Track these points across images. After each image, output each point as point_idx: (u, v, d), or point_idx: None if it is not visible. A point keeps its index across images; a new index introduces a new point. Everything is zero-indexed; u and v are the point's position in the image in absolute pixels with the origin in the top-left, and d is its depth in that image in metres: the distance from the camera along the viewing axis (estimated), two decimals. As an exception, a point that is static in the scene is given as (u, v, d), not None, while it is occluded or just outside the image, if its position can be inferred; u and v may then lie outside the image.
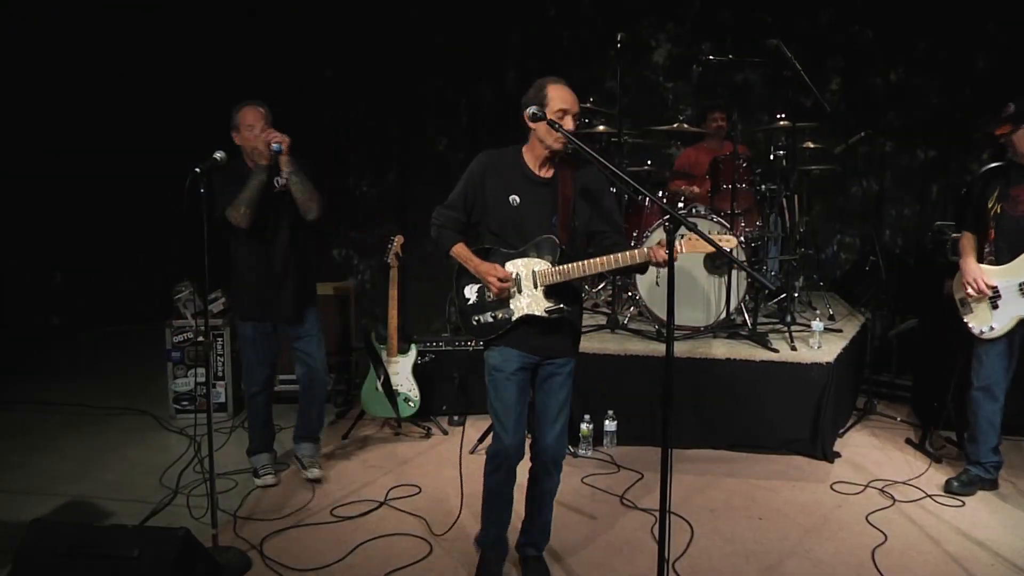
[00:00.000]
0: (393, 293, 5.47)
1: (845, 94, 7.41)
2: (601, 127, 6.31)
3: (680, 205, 5.99)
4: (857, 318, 6.28)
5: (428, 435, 5.53)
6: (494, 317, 3.46)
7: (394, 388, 5.45)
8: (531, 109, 3.29)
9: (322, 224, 4.70)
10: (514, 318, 3.43)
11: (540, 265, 3.41)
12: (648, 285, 5.63)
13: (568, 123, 3.32)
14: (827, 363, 5.14)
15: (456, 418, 5.79)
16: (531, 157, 3.46)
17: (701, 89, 7.46)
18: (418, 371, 5.56)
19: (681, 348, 5.28)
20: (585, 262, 3.35)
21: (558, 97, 3.32)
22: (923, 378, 5.92)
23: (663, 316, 5.35)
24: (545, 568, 3.73)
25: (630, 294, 6.12)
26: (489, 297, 3.46)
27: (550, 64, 7.51)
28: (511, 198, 3.42)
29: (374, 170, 7.77)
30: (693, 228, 3.11)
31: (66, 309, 8.16)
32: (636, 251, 3.29)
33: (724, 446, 5.23)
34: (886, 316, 6.59)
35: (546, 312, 3.42)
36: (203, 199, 3.65)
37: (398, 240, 5.51)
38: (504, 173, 3.46)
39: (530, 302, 3.43)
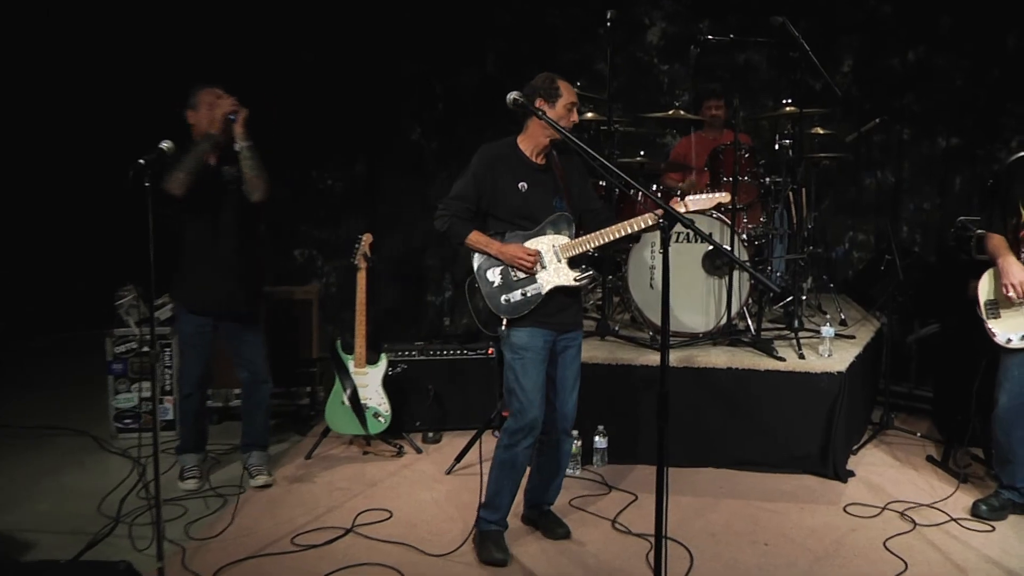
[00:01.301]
0: (361, 297, 5.47)
1: (859, 76, 7.46)
2: (589, 114, 6.32)
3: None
4: (871, 323, 6.33)
5: (400, 454, 5.54)
6: (524, 294, 3.98)
7: (362, 402, 5.45)
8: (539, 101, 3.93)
9: (266, 216, 4.85)
10: (545, 291, 3.99)
11: (560, 239, 4.02)
12: (641, 288, 5.66)
13: (575, 116, 4.01)
14: (838, 372, 5.17)
15: (431, 435, 5.79)
16: (528, 147, 4.04)
17: (699, 72, 7.48)
18: (389, 383, 5.55)
19: (678, 356, 5.30)
20: (603, 231, 3.94)
21: (568, 90, 3.99)
22: (946, 389, 5.94)
23: (658, 321, 5.38)
24: (558, 517, 4.43)
25: (622, 298, 6.15)
26: (515, 277, 3.99)
27: (535, 45, 7.55)
28: (520, 185, 4.00)
29: (340, 161, 7.76)
30: (690, 225, 3.18)
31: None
32: (649, 215, 3.82)
33: (725, 464, 5.25)
34: (904, 320, 6.60)
35: (576, 280, 4.01)
36: (149, 193, 3.66)
37: (366, 239, 5.51)
38: (510, 164, 4.02)
39: (556, 274, 4.00)
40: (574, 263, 4.03)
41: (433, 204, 7.40)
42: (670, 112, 6.45)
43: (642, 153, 6.45)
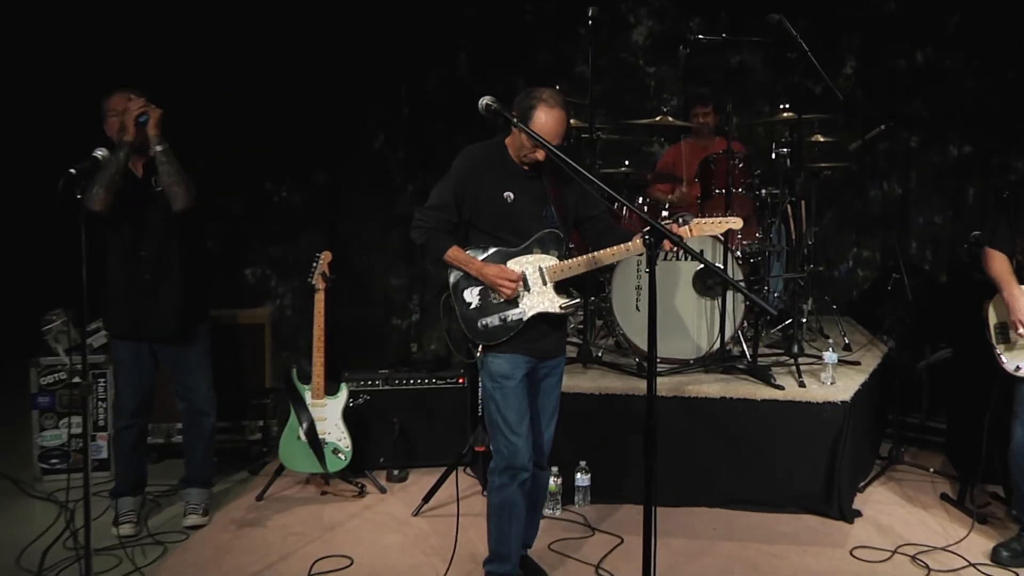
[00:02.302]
0: (319, 321, 5.45)
1: (862, 78, 7.52)
2: (570, 120, 6.33)
3: (664, 214, 6.04)
4: (878, 348, 6.37)
5: (362, 494, 5.51)
6: (503, 319, 3.95)
7: (320, 437, 5.42)
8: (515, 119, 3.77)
9: (213, 231, 4.82)
10: (527, 317, 3.94)
11: (547, 261, 3.97)
12: (627, 310, 5.67)
13: (538, 154, 3.85)
14: (842, 402, 5.19)
15: (397, 472, 5.78)
16: (515, 151, 3.96)
17: (689, 74, 7.54)
18: (350, 416, 5.54)
19: (667, 385, 5.30)
20: (595, 254, 3.93)
21: (540, 125, 3.78)
22: (960, 420, 5.92)
23: (644, 347, 5.37)
24: (535, 563, 4.40)
25: (605, 321, 6.15)
26: (495, 299, 3.95)
27: (509, 45, 7.56)
28: (506, 194, 3.93)
29: (297, 171, 7.72)
30: (679, 242, 3.20)
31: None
32: (638, 239, 3.77)
33: (720, 504, 5.26)
34: (914, 345, 6.62)
35: (561, 308, 3.97)
36: (80, 206, 3.64)
37: (325, 257, 5.50)
38: (495, 169, 3.96)
39: (541, 299, 3.95)
40: (561, 287, 3.99)
41: (400, 217, 7.51)
42: (657, 118, 6.49)
43: (627, 163, 6.47)
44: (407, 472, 5.82)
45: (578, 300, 4.04)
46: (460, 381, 5.96)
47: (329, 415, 5.47)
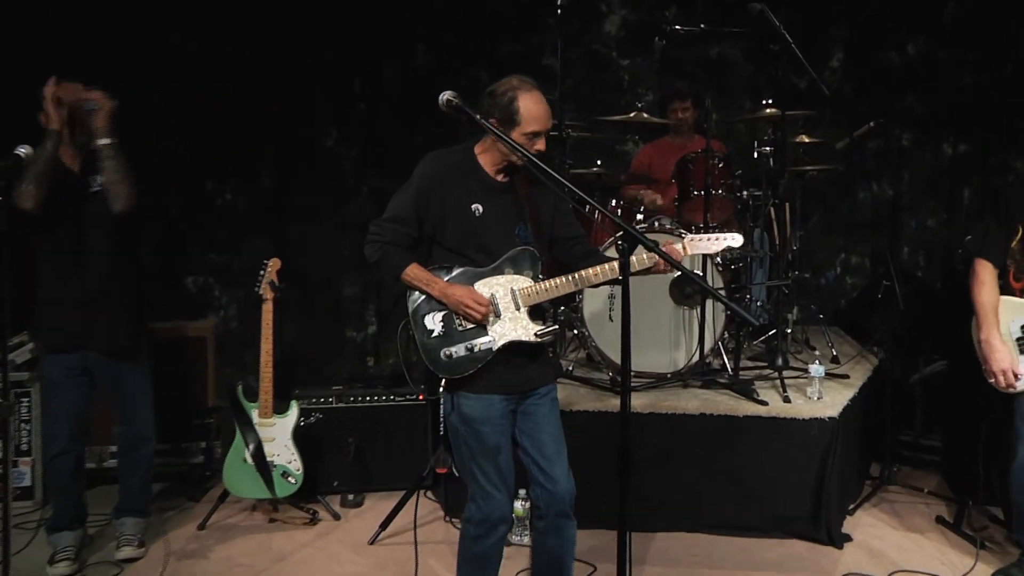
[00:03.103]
0: (267, 334, 5.44)
1: (850, 72, 7.60)
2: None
3: (639, 217, 6.08)
4: (868, 360, 6.44)
5: (314, 521, 5.50)
6: (470, 349, 3.71)
7: (268, 460, 5.40)
8: (491, 124, 3.61)
9: (151, 236, 4.75)
10: (497, 347, 3.71)
11: (521, 282, 3.75)
12: (599, 321, 5.69)
13: (539, 144, 3.69)
14: (830, 418, 5.23)
15: (352, 497, 5.77)
16: (487, 160, 3.78)
17: (665, 68, 7.58)
18: (301, 436, 5.53)
19: (642, 401, 5.34)
20: (575, 275, 3.73)
21: (532, 116, 3.66)
22: (957, 438, 5.96)
23: (618, 360, 5.40)
24: None
25: (576, 332, 6.17)
26: (460, 326, 3.71)
27: (472, 35, 7.57)
28: (473, 207, 3.72)
29: (242, 171, 7.67)
30: (654, 248, 3.21)
31: None
32: (634, 257, 3.49)
33: (699, 528, 5.28)
34: (906, 357, 6.67)
35: (536, 336, 3.75)
36: (2, 207, 3.62)
37: (274, 264, 5.48)
38: (463, 179, 3.75)
39: (514, 326, 3.74)
40: (536, 312, 3.80)
41: (354, 221, 7.50)
42: (631, 115, 6.52)
43: (599, 163, 6.50)
44: (363, 497, 5.81)
45: (555, 327, 3.81)
46: (420, 398, 5.95)
47: (278, 435, 5.45)
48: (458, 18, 7.62)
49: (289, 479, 5.41)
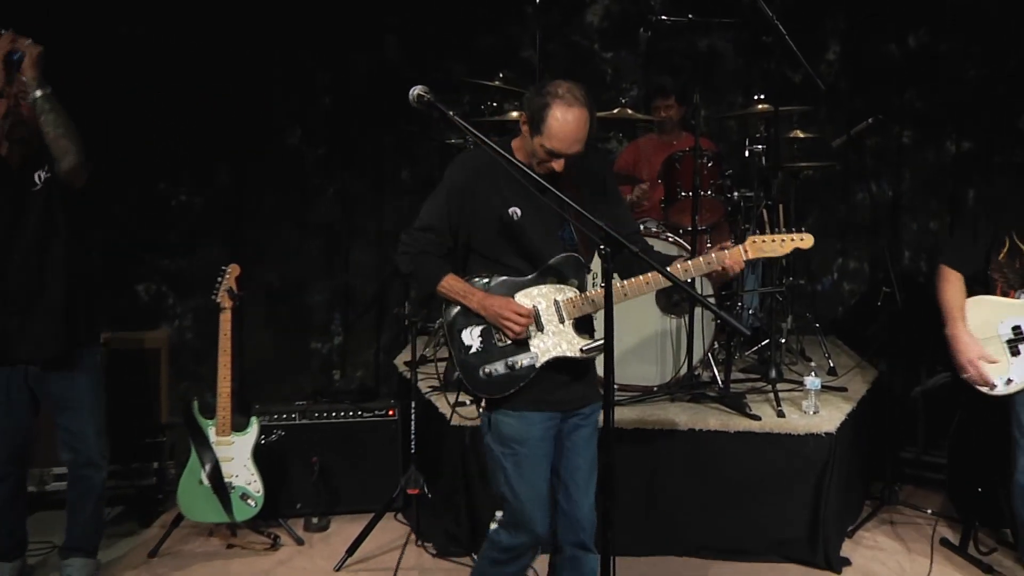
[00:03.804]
0: (225, 345, 5.42)
1: (847, 66, 7.63)
2: (515, 113, 6.33)
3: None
4: (867, 372, 6.47)
5: (276, 546, 5.49)
6: (510, 367, 3.67)
7: (226, 481, 5.39)
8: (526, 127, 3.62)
9: (99, 239, 4.67)
10: (539, 363, 3.67)
11: (566, 293, 3.71)
12: (582, 330, 5.70)
13: (556, 164, 3.60)
14: (827, 434, 5.26)
15: (316, 520, 5.76)
16: (526, 155, 3.70)
17: (651, 61, 7.60)
18: (262, 455, 5.51)
19: (627, 416, 5.35)
20: (629, 282, 3.66)
21: (558, 133, 3.55)
22: (962, 454, 5.94)
23: (600, 371, 5.41)
24: None
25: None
26: (500, 341, 3.68)
27: (446, 26, 7.57)
28: (511, 211, 3.67)
29: (198, 170, 7.64)
30: (638, 253, 3.24)
31: None
32: (695, 260, 3.57)
33: (689, 552, 5.29)
34: (908, 369, 6.69)
35: (582, 352, 3.69)
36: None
37: (232, 270, 5.47)
38: (498, 179, 3.67)
39: (558, 341, 3.69)
40: (582, 325, 3.75)
41: (319, 224, 7.49)
42: (615, 111, 6.56)
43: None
44: (328, 520, 5.80)
45: (603, 341, 3.63)
46: (390, 413, 5.96)
47: (237, 455, 5.43)
48: (430, 7, 7.60)
49: (249, 501, 5.39)
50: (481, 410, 3.75)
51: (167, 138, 7.29)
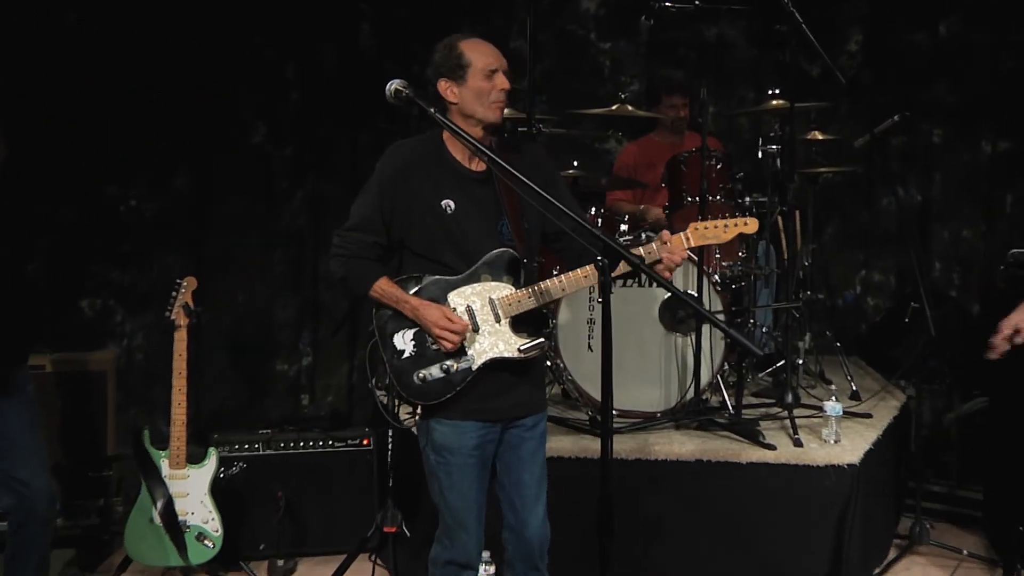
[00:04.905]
0: (180, 367, 5.41)
1: (871, 57, 7.67)
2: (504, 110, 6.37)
3: (623, 228, 6.10)
4: (894, 396, 6.48)
5: (236, 592, 5.48)
6: (446, 370, 3.78)
7: (181, 519, 5.36)
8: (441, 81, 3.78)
9: (38, 248, 4.65)
10: (476, 366, 3.78)
11: (500, 290, 3.81)
12: (577, 350, 5.70)
13: (502, 82, 3.81)
14: (850, 466, 5.24)
15: (282, 563, 5.74)
16: (457, 146, 3.84)
17: (654, 51, 7.62)
18: (220, 490, 5.49)
19: (628, 445, 5.35)
20: (563, 277, 3.74)
21: (479, 53, 3.80)
22: (1000, 488, 5.95)
23: (598, 396, 5.41)
24: None
25: (549, 363, 6.18)
26: (433, 345, 3.77)
27: (424, 12, 7.58)
28: (444, 203, 3.79)
29: (151, 173, 7.64)
30: (639, 264, 3.24)
31: None
32: (636, 249, 3.62)
33: (698, 596, 5.30)
34: (939, 393, 6.71)
35: (520, 351, 3.79)
36: None
37: (189, 284, 5.45)
38: (430, 171, 3.82)
39: (494, 341, 3.80)
40: (521, 324, 3.82)
41: (286, 232, 7.49)
42: (614, 107, 6.56)
43: (575, 164, 6.51)
44: (296, 562, 5.79)
45: (542, 341, 3.84)
46: (365, 443, 5.95)
47: (192, 490, 5.41)
48: (409, -7, 7.64)
49: (206, 542, 5.37)
50: (417, 417, 3.87)
51: (117, 136, 7.27)
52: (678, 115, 6.86)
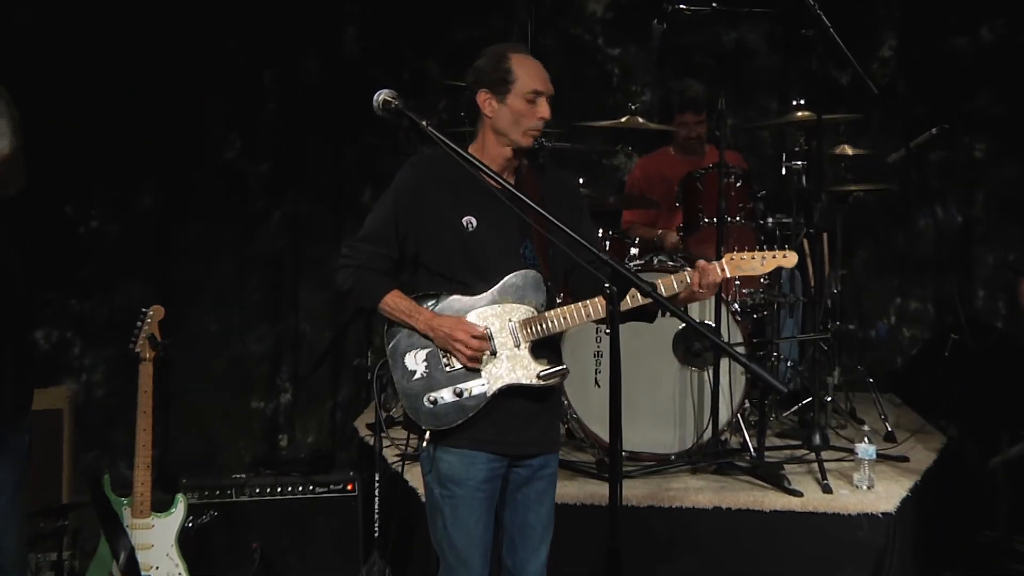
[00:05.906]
0: (145, 405, 5.39)
1: (906, 64, 7.70)
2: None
3: (633, 252, 6.15)
4: (934, 437, 6.48)
5: (205, 654, 5.48)
6: (459, 394, 3.76)
7: (145, 574, 5.36)
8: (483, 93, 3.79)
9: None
10: (491, 391, 3.76)
11: (522, 312, 3.80)
12: (582, 386, 5.70)
13: (544, 110, 3.81)
14: (885, 514, 5.24)
15: (256, 620, 5.75)
16: (487, 160, 3.77)
17: (667, 59, 7.64)
18: (190, 542, 5.48)
19: (639, 491, 5.35)
20: (588, 303, 3.73)
21: (527, 73, 3.79)
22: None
23: (606, 436, 5.41)
24: None
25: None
26: (448, 367, 3.77)
27: (417, 14, 7.61)
28: (465, 220, 3.80)
29: (113, 190, 7.64)
30: (651, 292, 3.25)
31: None
32: (667, 278, 3.72)
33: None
34: (984, 433, 6.70)
35: (539, 378, 3.78)
36: None
37: (155, 313, 5.45)
38: (452, 186, 3.82)
39: (512, 367, 3.78)
40: (541, 350, 3.83)
41: (263, 256, 7.50)
42: (623, 119, 6.60)
43: (581, 181, 6.52)
44: (272, 619, 5.80)
45: (563, 368, 3.82)
46: (349, 488, 5.94)
47: (158, 541, 5.40)
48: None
49: (173, 597, 5.38)
50: (424, 443, 3.83)
51: (76, 150, 7.27)
52: (690, 135, 6.89)
